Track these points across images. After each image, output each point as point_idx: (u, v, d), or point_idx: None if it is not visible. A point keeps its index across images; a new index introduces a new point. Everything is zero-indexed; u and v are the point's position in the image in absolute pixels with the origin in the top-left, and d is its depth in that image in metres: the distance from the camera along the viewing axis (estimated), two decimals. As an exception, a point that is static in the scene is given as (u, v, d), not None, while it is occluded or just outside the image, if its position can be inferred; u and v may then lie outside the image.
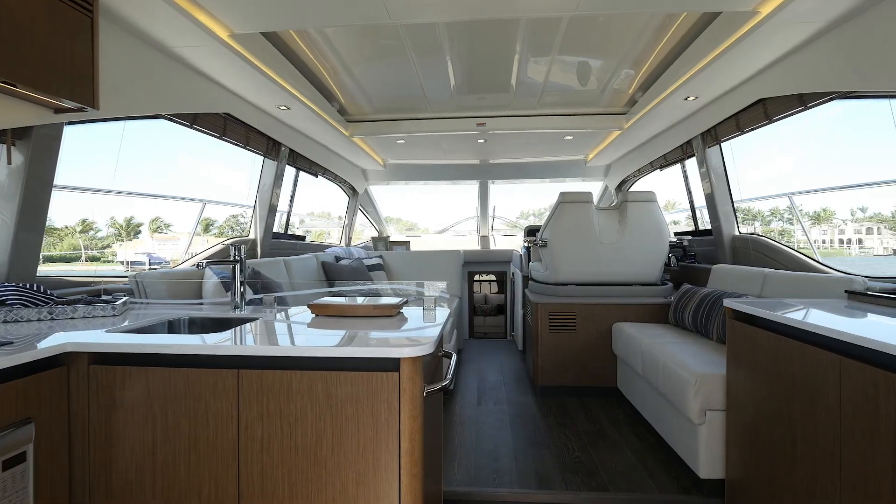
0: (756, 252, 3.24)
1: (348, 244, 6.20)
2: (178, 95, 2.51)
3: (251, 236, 3.85)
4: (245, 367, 1.30)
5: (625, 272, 3.51)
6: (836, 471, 1.34)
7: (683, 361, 2.26)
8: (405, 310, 1.86)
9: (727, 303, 1.98)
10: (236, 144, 3.22)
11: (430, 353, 1.29)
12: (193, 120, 2.78)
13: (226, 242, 3.56)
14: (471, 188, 6.64)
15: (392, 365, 1.26)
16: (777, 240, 3.14)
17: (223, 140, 3.05)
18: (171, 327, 1.81)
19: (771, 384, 1.67)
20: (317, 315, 1.76)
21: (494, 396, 3.41)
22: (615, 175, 5.66)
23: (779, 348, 1.62)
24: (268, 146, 3.64)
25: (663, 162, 4.36)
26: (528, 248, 4.40)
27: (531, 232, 3.87)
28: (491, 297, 10.59)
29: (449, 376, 1.47)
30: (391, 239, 6.16)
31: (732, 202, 3.56)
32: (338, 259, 4.48)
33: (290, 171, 4.49)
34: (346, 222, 6.06)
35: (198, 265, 2.09)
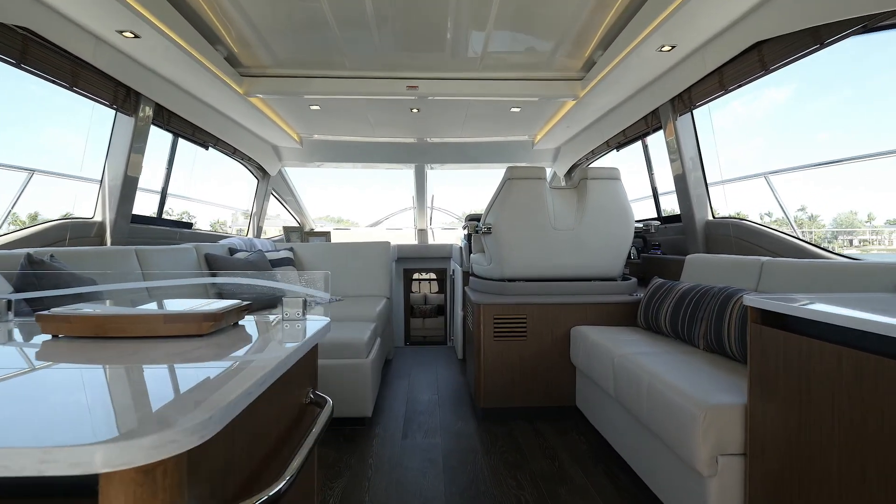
0: (738, 239, 2.72)
1: (258, 235, 5.22)
2: None
3: (97, 218, 2.84)
4: None
5: (584, 265, 2.88)
6: None
7: (679, 385, 1.62)
8: (257, 320, 1.05)
9: (750, 300, 1.35)
10: (52, 81, 2.24)
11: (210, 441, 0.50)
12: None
13: (41, 226, 2.54)
14: (407, 176, 5.87)
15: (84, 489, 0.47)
16: (765, 224, 2.63)
17: (23, 69, 2.07)
18: None
19: (820, 417, 1.07)
20: (56, 337, 0.91)
21: (426, 425, 2.66)
22: (565, 159, 5.11)
23: (839, 364, 1.01)
24: (118, 95, 2.66)
25: (622, 139, 3.82)
26: (469, 238, 3.69)
27: (474, 219, 3.20)
28: (431, 298, 9.85)
29: (288, 477, 0.68)
30: (312, 230, 5.25)
31: (706, 182, 3.03)
32: (232, 251, 3.55)
33: (163, 138, 3.50)
34: (255, 210, 5.07)
35: None
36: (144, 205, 3.93)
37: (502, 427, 2.62)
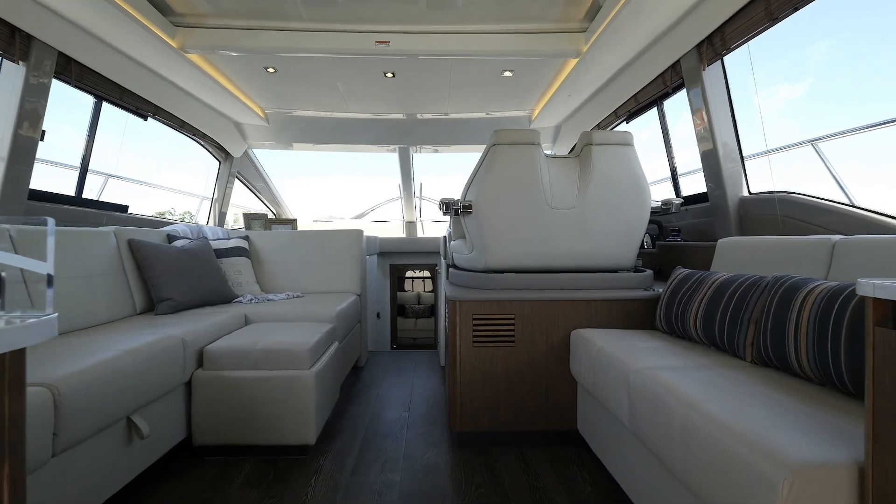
0: (787, 217, 2.13)
1: (220, 223, 4.66)
2: None
3: (-24, 192, 2.28)
4: None
5: (588, 252, 2.30)
6: None
7: (735, 424, 1.04)
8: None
9: (881, 288, 0.78)
10: None
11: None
12: None
13: None
14: (391, 161, 5.29)
15: None
16: (823, 197, 2.04)
17: None
18: None
19: None
20: None
21: (385, 454, 2.08)
22: (566, 139, 4.52)
23: None
24: (11, 40, 2.10)
25: (634, 106, 3.22)
26: (451, 221, 3.12)
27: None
28: (425, 297, 9.27)
29: None
30: (278, 218, 4.69)
31: (741, 150, 2.45)
32: (172, 239, 2.99)
33: (82, 102, 2.94)
34: (216, 195, 4.51)
35: None
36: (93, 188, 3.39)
37: (482, 457, 2.04)
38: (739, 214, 2.44)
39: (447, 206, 2.35)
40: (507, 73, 3.35)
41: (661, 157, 3.41)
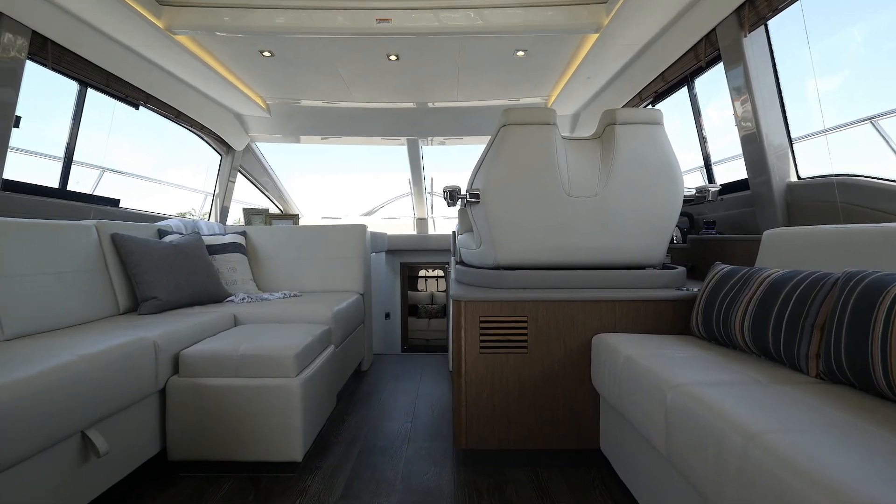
0: (848, 205, 1.83)
1: (222, 219, 4.51)
2: None
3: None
4: None
5: (611, 246, 2.04)
6: None
7: (814, 468, 0.77)
8: None
9: None
10: None
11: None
12: None
13: None
14: (400, 154, 5.06)
15: None
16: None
17: None
18: None
19: None
20: None
21: (381, 474, 1.85)
22: (585, 128, 4.23)
23: None
24: None
25: (661, 87, 2.93)
26: (458, 213, 2.88)
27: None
28: (439, 296, 9.04)
29: None
30: (281, 213, 4.50)
31: (788, 130, 2.14)
32: (163, 234, 2.81)
33: (65, 88, 2.77)
34: (217, 190, 4.35)
35: None
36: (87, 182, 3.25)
37: (490, 478, 1.79)
38: (787, 202, 2.14)
39: (452, 195, 2.10)
40: (520, 53, 3.09)
41: (688, 145, 3.11)
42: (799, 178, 2.14)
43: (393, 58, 3.15)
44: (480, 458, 1.91)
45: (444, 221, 6.02)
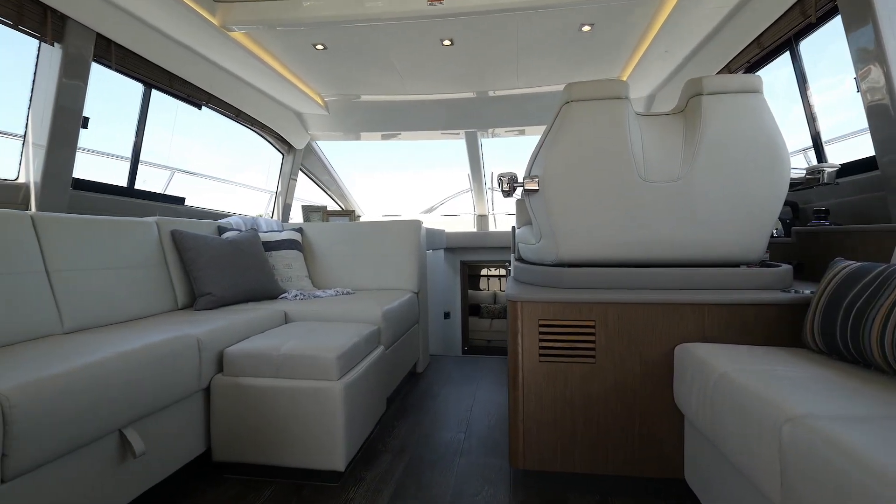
0: None
1: (284, 218, 4.58)
2: None
3: (21, 180, 2.23)
4: None
5: (697, 239, 1.72)
6: None
7: None
8: None
9: None
10: None
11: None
12: None
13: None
14: (459, 149, 4.90)
15: None
16: None
17: None
18: None
19: None
20: None
21: (431, 488, 1.69)
22: (661, 110, 3.81)
23: None
24: (23, 12, 2.01)
25: (756, 53, 2.51)
26: (516, 205, 2.66)
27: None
28: (502, 296, 8.78)
29: None
30: (344, 211, 4.49)
31: (932, 90, 1.71)
32: (222, 231, 2.85)
33: (131, 90, 2.87)
34: (279, 189, 4.43)
35: None
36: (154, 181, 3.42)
37: (551, 507, 1.57)
38: (933, 183, 1.70)
39: (508, 182, 1.89)
40: (586, 28, 2.79)
41: (781, 126, 2.64)
42: (950, 151, 1.70)
43: (447, 43, 2.98)
44: (540, 480, 1.69)
45: (506, 218, 5.77)
